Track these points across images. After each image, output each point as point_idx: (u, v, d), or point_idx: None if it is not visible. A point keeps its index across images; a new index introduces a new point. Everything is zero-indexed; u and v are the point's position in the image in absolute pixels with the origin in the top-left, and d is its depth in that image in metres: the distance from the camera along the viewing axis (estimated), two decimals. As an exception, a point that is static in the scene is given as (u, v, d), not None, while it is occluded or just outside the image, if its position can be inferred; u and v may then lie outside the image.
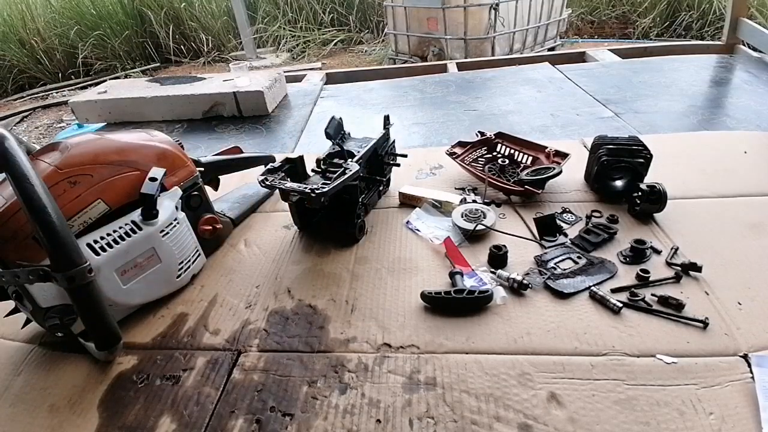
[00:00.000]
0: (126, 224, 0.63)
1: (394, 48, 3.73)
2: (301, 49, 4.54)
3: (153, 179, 0.65)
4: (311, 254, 0.79)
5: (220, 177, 0.90)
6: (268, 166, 0.77)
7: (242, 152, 0.94)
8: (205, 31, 4.63)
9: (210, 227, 0.77)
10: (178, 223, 0.69)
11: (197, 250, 0.75)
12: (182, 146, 0.77)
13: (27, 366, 0.63)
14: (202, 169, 0.81)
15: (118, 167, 0.65)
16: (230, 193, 0.97)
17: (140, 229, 0.64)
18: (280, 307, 0.68)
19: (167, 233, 0.67)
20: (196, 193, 0.76)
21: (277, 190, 0.74)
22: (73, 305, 0.55)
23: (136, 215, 0.64)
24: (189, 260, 0.72)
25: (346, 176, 0.71)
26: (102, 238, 0.61)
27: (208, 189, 0.83)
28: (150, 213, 0.65)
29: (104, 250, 0.60)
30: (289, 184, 0.71)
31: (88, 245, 0.60)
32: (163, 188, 0.69)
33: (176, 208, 0.69)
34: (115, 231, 0.62)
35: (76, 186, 0.61)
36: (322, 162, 0.78)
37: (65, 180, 0.60)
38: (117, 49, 4.46)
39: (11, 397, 0.58)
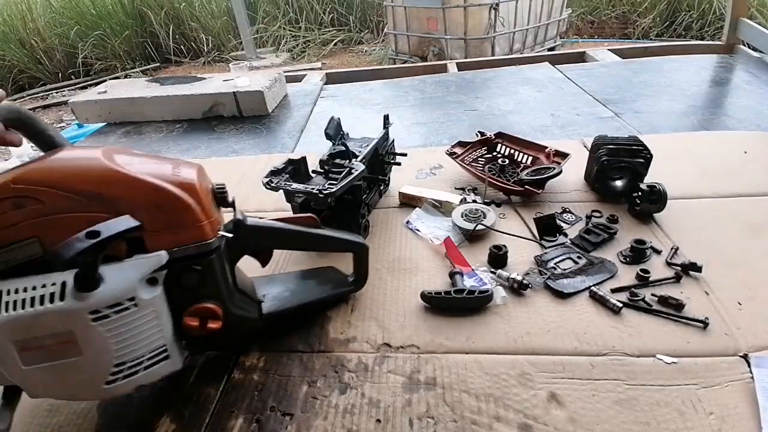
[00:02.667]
0: (53, 284, 0.42)
1: (394, 48, 3.72)
2: (301, 49, 4.54)
3: (92, 234, 0.40)
4: (312, 255, 0.79)
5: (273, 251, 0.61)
6: (271, 168, 0.74)
7: (318, 225, 0.61)
8: (205, 31, 4.63)
9: (197, 323, 0.49)
10: (135, 306, 0.44)
11: (162, 352, 0.48)
12: (222, 194, 0.54)
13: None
14: (230, 235, 0.52)
15: (83, 201, 0.45)
16: (297, 273, 0.71)
17: (61, 299, 0.41)
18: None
19: (106, 317, 0.43)
20: (197, 267, 0.49)
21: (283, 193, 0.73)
22: None
23: (71, 277, 0.42)
24: (138, 363, 0.46)
25: (353, 176, 0.71)
26: (16, 291, 0.42)
27: (251, 264, 0.58)
28: (83, 281, 0.42)
29: (6, 310, 0.41)
30: (295, 186, 0.71)
31: None
32: (141, 247, 0.46)
33: (148, 283, 0.45)
34: (35, 288, 0.42)
35: (20, 210, 0.44)
36: (324, 163, 0.78)
37: (11, 198, 0.44)
38: (117, 49, 4.46)
39: (11, 397, 0.58)
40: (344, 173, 0.71)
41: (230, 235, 0.52)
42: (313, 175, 0.80)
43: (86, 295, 0.42)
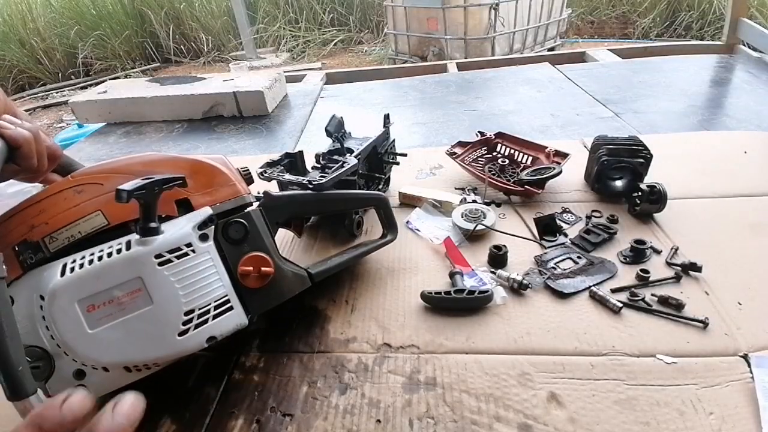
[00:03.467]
0: (119, 244, 0.46)
1: (394, 48, 3.73)
2: (301, 49, 4.54)
3: (148, 178, 0.45)
4: (311, 254, 0.79)
5: (306, 220, 0.69)
6: (267, 160, 0.76)
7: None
8: (205, 31, 4.63)
9: (251, 269, 0.51)
10: (193, 252, 0.47)
11: (226, 302, 0.49)
12: (247, 174, 0.60)
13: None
14: (261, 196, 0.60)
15: (137, 178, 0.49)
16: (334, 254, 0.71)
17: (128, 248, 0.45)
18: (281, 307, 0.68)
19: (169, 262, 0.46)
20: (240, 220, 0.52)
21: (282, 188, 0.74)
22: None
23: (135, 234, 0.47)
24: (206, 312, 0.48)
25: (343, 169, 0.72)
26: (83, 257, 0.45)
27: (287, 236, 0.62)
28: (145, 227, 0.46)
29: (71, 271, 0.44)
30: (288, 176, 0.72)
31: (63, 267, 0.45)
32: (189, 207, 0.52)
33: (199, 233, 0.49)
34: (102, 251, 0.46)
35: (81, 194, 0.50)
36: (321, 157, 0.78)
37: (72, 188, 0.50)
38: (117, 49, 4.46)
39: (11, 397, 0.58)
40: (336, 167, 0.72)
41: (261, 196, 0.59)
42: (310, 170, 0.80)
43: (149, 240, 0.46)
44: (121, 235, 0.48)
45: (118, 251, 0.45)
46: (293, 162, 0.79)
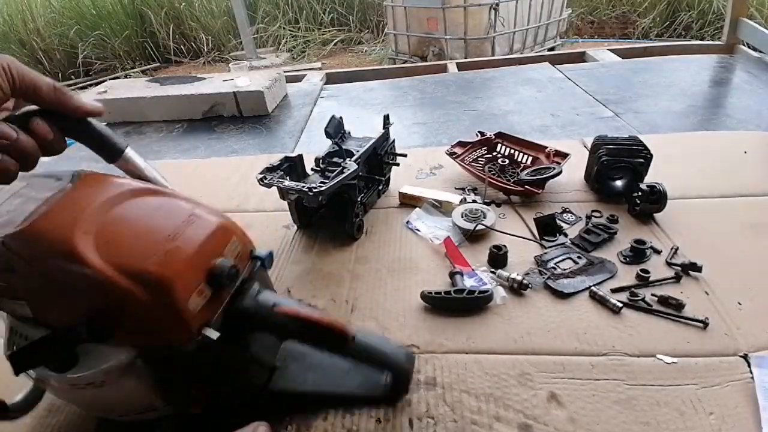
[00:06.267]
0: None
1: (394, 48, 3.72)
2: (301, 49, 4.54)
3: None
4: (311, 254, 0.79)
5: None
6: (267, 164, 0.75)
7: (352, 340, 0.46)
8: (205, 31, 4.63)
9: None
10: (112, 382, 0.41)
11: (151, 408, 0.45)
12: (229, 274, 0.41)
13: (27, 366, 0.63)
14: (214, 337, 0.39)
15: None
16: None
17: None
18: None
19: (84, 388, 0.41)
20: (174, 364, 0.43)
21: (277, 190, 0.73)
22: None
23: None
24: (127, 414, 0.46)
25: (344, 175, 0.71)
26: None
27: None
28: (56, 365, 0.40)
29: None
30: (288, 183, 0.71)
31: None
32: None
33: (125, 369, 0.40)
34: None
35: (11, 275, 0.39)
36: (321, 161, 0.78)
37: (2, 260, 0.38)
38: (117, 49, 4.45)
39: (11, 397, 0.58)
40: (336, 172, 0.72)
41: (215, 337, 0.39)
42: (310, 173, 0.80)
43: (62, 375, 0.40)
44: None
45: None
46: (293, 166, 0.79)
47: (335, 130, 0.83)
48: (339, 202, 0.78)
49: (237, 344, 0.45)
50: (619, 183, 0.84)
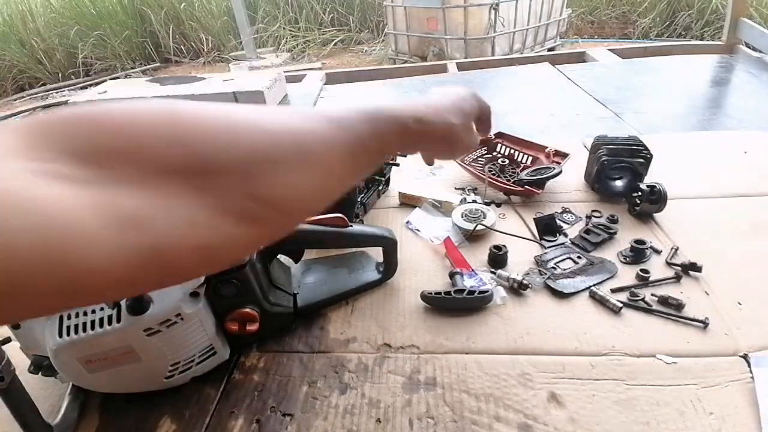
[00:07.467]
0: (110, 312, 0.48)
1: (394, 48, 3.73)
2: (301, 49, 4.54)
3: None
4: (311, 254, 0.79)
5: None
6: None
7: (347, 225, 0.64)
8: (205, 31, 4.63)
9: (237, 327, 0.56)
10: (182, 319, 0.50)
11: (210, 350, 0.55)
12: None
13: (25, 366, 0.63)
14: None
15: None
16: (330, 261, 0.73)
17: (118, 321, 0.47)
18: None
19: (157, 332, 0.49)
20: (232, 280, 0.54)
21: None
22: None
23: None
24: (190, 361, 0.54)
25: None
26: (77, 315, 0.48)
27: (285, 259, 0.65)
28: (134, 308, 0.48)
29: (68, 334, 0.47)
30: None
31: (60, 328, 0.48)
32: None
33: (191, 297, 0.51)
34: (93, 320, 0.48)
35: None
36: None
37: None
38: (117, 49, 4.46)
39: (11, 397, 0.58)
40: None
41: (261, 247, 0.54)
42: None
43: (137, 318, 0.47)
44: None
45: (110, 320, 0.47)
46: None
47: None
48: (338, 202, 0.78)
49: (265, 265, 0.60)
50: (619, 183, 0.84)
